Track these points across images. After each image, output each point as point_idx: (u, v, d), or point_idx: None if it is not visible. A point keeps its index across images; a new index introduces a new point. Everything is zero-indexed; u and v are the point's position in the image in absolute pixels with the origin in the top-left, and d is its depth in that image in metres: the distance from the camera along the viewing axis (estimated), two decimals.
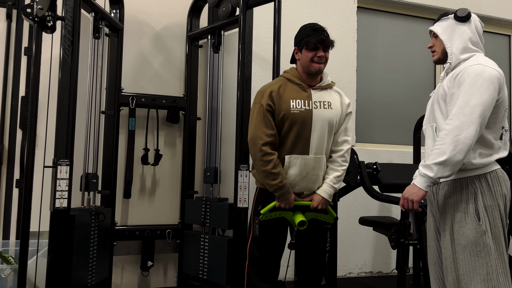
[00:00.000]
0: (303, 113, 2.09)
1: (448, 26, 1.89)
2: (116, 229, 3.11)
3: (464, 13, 1.86)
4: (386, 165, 3.10)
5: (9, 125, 3.04)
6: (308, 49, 2.13)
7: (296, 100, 2.11)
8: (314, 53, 2.13)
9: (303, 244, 2.26)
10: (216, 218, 2.95)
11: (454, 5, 4.28)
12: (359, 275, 3.85)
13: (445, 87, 1.80)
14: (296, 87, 2.15)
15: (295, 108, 2.09)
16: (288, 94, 2.13)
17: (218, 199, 3.01)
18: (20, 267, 2.21)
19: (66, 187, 2.36)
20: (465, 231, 1.72)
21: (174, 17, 3.44)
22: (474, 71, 1.70)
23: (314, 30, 2.15)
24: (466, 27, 1.85)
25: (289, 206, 2.11)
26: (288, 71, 2.23)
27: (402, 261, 2.91)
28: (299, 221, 2.09)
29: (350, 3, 3.94)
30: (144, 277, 3.24)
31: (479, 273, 1.69)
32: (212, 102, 3.28)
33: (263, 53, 3.55)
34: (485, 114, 1.66)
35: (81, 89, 2.66)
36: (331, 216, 2.21)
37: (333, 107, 2.17)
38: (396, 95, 4.22)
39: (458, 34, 1.85)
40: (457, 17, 1.87)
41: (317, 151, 2.13)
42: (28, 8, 2.24)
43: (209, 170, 3.12)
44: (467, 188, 1.75)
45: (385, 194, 2.96)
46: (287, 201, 2.10)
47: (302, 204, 2.16)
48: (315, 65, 2.13)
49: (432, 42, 1.95)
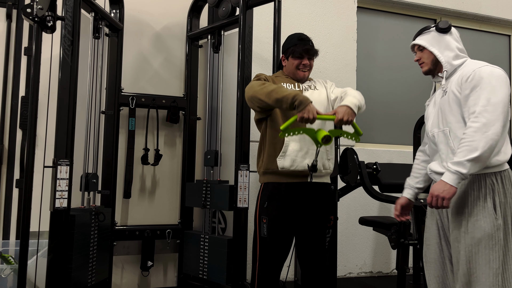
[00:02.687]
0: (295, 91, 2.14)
1: (433, 38, 1.97)
2: (116, 229, 3.11)
3: (446, 24, 1.95)
4: (386, 165, 3.11)
5: (9, 125, 3.05)
6: (294, 57, 2.24)
7: (286, 84, 2.22)
8: (300, 61, 2.23)
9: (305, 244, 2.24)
10: (216, 200, 2.93)
11: (454, 5, 4.28)
12: (359, 275, 3.85)
13: (455, 92, 1.85)
14: (285, 79, 2.27)
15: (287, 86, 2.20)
16: (279, 81, 2.24)
17: (218, 181, 3.00)
18: (20, 267, 2.21)
19: (66, 187, 2.36)
20: (481, 224, 1.74)
21: (174, 17, 3.44)
22: (485, 72, 1.77)
23: (300, 40, 2.26)
24: (449, 37, 1.95)
25: (312, 115, 1.93)
26: (276, 74, 2.36)
27: (402, 261, 2.91)
28: (323, 135, 1.92)
29: (350, 3, 3.94)
30: (144, 277, 3.24)
31: (492, 266, 1.71)
32: (212, 102, 3.28)
33: (263, 53, 3.55)
34: (506, 111, 1.73)
35: (81, 89, 2.66)
36: (356, 133, 2.03)
37: (318, 87, 2.28)
38: (396, 95, 4.22)
39: (445, 44, 1.94)
40: (440, 29, 1.95)
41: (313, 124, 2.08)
42: (28, 8, 2.24)
43: (210, 153, 3.11)
44: (485, 184, 1.78)
45: (385, 194, 2.96)
46: (309, 109, 1.93)
47: (326, 118, 2.00)
48: (300, 72, 2.25)
49: (419, 55, 2.04)
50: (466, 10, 4.33)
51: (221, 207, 2.91)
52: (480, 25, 4.52)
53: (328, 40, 3.85)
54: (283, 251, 2.18)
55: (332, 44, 3.86)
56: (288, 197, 2.16)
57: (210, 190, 3.00)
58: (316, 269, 2.23)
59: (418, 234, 2.84)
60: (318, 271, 2.23)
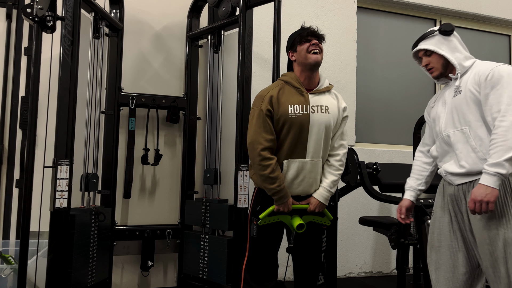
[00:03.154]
0: (301, 118, 2.12)
1: (440, 41, 1.96)
2: (116, 229, 3.11)
3: (449, 27, 1.95)
4: (386, 165, 3.11)
5: (9, 125, 3.04)
6: (301, 43, 2.18)
7: (294, 105, 2.13)
8: (308, 44, 2.17)
9: (299, 245, 2.28)
10: (216, 220, 2.95)
11: (454, 5, 4.28)
12: (359, 275, 3.85)
13: (472, 90, 1.83)
14: (294, 91, 2.17)
15: (293, 113, 2.12)
16: (286, 98, 2.15)
17: (218, 200, 3.00)
18: (20, 267, 2.21)
19: (66, 187, 2.36)
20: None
21: (174, 17, 3.44)
22: (504, 71, 1.77)
23: (303, 29, 2.24)
24: (454, 39, 1.96)
25: (287, 209, 2.14)
26: (286, 74, 2.26)
27: (402, 261, 2.91)
28: (298, 224, 2.12)
29: (350, 3, 3.94)
30: (144, 277, 3.24)
31: None
32: (212, 102, 3.28)
33: (263, 53, 3.55)
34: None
35: (81, 89, 2.66)
36: (327, 218, 2.26)
37: (330, 111, 2.19)
38: (396, 95, 4.22)
39: (453, 46, 1.95)
40: (444, 32, 1.95)
41: (314, 155, 2.16)
42: (28, 8, 2.24)
43: (209, 172, 3.11)
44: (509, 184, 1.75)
45: (385, 194, 2.96)
46: (285, 205, 2.13)
47: (300, 208, 2.20)
48: (312, 55, 2.15)
49: (427, 60, 2.00)
50: (466, 10, 4.33)
51: (220, 227, 2.93)
52: (480, 25, 4.52)
53: (328, 40, 3.83)
54: (269, 251, 2.25)
55: (332, 44, 3.86)
56: None
57: (210, 209, 3.01)
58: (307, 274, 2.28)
59: (418, 234, 2.84)
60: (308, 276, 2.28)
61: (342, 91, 3.83)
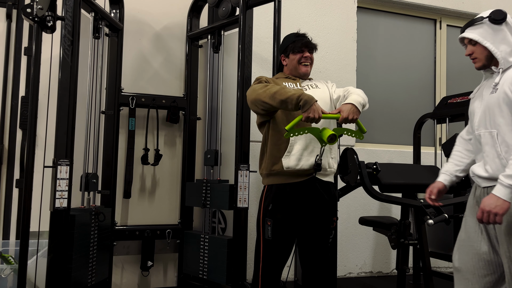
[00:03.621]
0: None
1: (487, 31, 1.79)
2: (116, 229, 3.11)
3: (500, 15, 1.77)
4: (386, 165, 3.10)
5: (9, 125, 3.05)
6: (294, 53, 2.26)
7: (288, 83, 2.22)
8: (301, 55, 2.25)
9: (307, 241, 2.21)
10: (216, 200, 2.93)
11: (454, 5, 4.28)
12: (359, 275, 3.85)
13: (507, 92, 1.72)
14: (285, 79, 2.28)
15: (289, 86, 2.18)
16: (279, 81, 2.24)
17: (218, 181, 3.00)
18: (20, 267, 2.21)
19: (66, 187, 2.36)
20: None
21: (174, 17, 3.44)
22: None
23: (298, 36, 2.29)
24: (505, 28, 1.78)
25: (318, 114, 1.91)
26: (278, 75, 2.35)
27: (402, 261, 2.91)
28: (329, 135, 1.92)
29: (350, 3, 3.94)
30: (144, 277, 3.24)
31: None
32: (212, 102, 3.28)
33: (263, 53, 3.55)
34: None
35: (81, 89, 2.66)
36: (361, 130, 2.02)
37: (320, 86, 2.28)
38: (396, 95, 4.22)
39: (501, 37, 1.77)
40: (494, 20, 1.77)
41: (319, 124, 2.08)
42: (28, 8, 2.24)
43: (210, 153, 3.11)
44: None
45: (385, 194, 2.96)
46: (314, 109, 1.91)
47: (331, 117, 1.99)
48: (302, 67, 2.26)
49: (471, 49, 1.85)
50: (466, 10, 4.33)
51: (221, 207, 2.91)
52: None
53: (328, 40, 3.85)
54: (285, 253, 2.18)
55: (332, 44, 3.86)
56: (292, 199, 2.14)
57: (210, 189, 3.00)
58: (317, 270, 2.22)
59: (418, 234, 2.84)
60: (319, 272, 2.22)
61: None
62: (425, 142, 3.92)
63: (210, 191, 2.99)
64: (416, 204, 2.82)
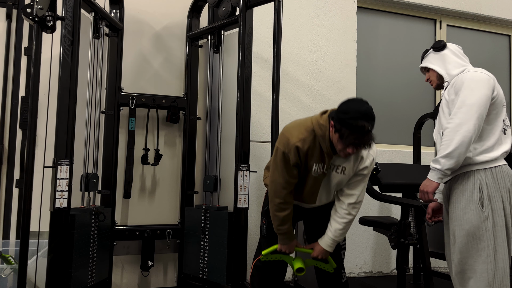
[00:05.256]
0: (319, 175, 2.06)
1: (433, 58, 2.19)
2: (116, 229, 3.11)
3: (439, 44, 2.17)
4: (386, 165, 3.10)
5: (9, 125, 3.04)
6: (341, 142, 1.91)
7: (318, 164, 2.01)
8: (346, 147, 1.91)
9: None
10: (215, 228, 2.96)
11: (454, 5, 4.28)
12: (359, 275, 3.85)
13: (446, 97, 2.05)
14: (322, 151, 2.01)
15: (316, 172, 2.03)
16: (315, 158, 2.01)
17: (217, 208, 3.00)
18: (20, 267, 2.21)
19: (66, 187, 2.36)
20: (469, 217, 1.91)
21: (174, 17, 3.44)
22: (466, 77, 1.96)
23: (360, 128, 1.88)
24: (447, 53, 2.14)
25: (290, 251, 2.15)
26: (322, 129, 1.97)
27: (402, 261, 2.91)
28: (298, 267, 2.13)
29: (350, 3, 3.94)
30: (144, 277, 3.24)
31: (481, 255, 1.88)
32: (212, 102, 3.28)
33: (263, 53, 3.55)
34: (481, 111, 1.89)
35: (81, 89, 2.66)
36: (331, 265, 2.18)
37: (346, 172, 2.06)
38: (396, 95, 4.22)
39: (444, 59, 2.14)
40: (436, 49, 2.18)
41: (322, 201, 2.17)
42: (28, 8, 2.24)
43: (209, 179, 3.12)
44: (473, 179, 1.94)
45: (385, 194, 2.96)
46: (289, 246, 2.14)
47: (303, 251, 2.20)
48: (341, 154, 1.97)
49: (427, 75, 2.25)
50: (466, 10, 4.32)
51: (220, 234, 2.92)
52: (480, 25, 4.52)
53: (328, 40, 3.85)
54: None
55: (332, 44, 3.86)
56: None
57: (209, 217, 3.01)
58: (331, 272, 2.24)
59: (418, 234, 2.84)
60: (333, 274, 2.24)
61: (342, 91, 3.83)
62: (425, 142, 3.91)
63: (209, 218, 3.01)
64: (416, 204, 2.82)
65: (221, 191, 3.11)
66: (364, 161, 2.08)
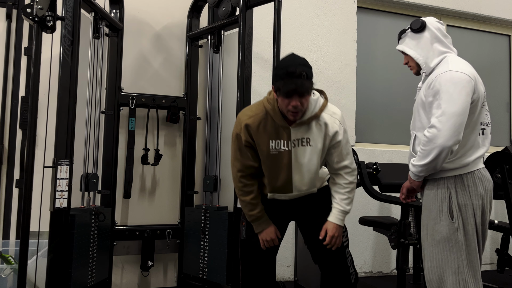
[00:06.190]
0: (282, 154, 1.95)
1: (410, 41, 2.01)
2: (116, 229, 3.11)
3: (417, 24, 1.96)
4: (386, 165, 3.11)
5: (9, 125, 3.04)
6: (282, 96, 1.84)
7: (275, 141, 1.95)
8: (288, 101, 1.83)
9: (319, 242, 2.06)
10: (216, 228, 2.95)
11: (454, 5, 4.28)
12: (359, 275, 3.84)
13: (422, 96, 1.93)
14: (275, 125, 1.95)
15: (274, 149, 1.95)
16: (268, 133, 1.95)
17: (217, 208, 3.00)
18: (20, 267, 2.21)
19: (66, 187, 2.36)
20: (439, 228, 1.89)
21: (174, 17, 3.44)
22: (444, 79, 1.82)
23: (288, 75, 1.81)
24: (427, 35, 1.96)
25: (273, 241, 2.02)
26: (270, 102, 1.96)
27: (402, 261, 2.91)
28: None
29: (350, 3, 3.94)
30: (144, 277, 3.24)
31: (451, 266, 1.86)
32: (212, 102, 3.28)
33: (263, 53, 3.55)
34: (462, 120, 1.79)
35: (81, 89, 2.66)
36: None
37: (312, 143, 1.96)
38: (396, 95, 4.22)
39: (422, 43, 1.96)
40: (413, 30, 1.98)
41: (301, 188, 2.02)
42: (28, 8, 2.24)
43: (209, 179, 3.12)
44: (443, 188, 1.90)
45: (385, 194, 2.97)
46: (267, 233, 2.01)
47: None
48: (290, 115, 1.88)
49: (406, 59, 2.09)
50: (466, 10, 4.32)
51: (220, 234, 2.92)
52: (480, 25, 4.52)
53: (328, 40, 3.85)
54: (262, 253, 2.08)
55: (332, 44, 3.86)
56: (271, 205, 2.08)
57: (209, 217, 3.01)
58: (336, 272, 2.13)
59: (418, 234, 2.84)
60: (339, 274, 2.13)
61: (342, 91, 3.83)
62: None
63: (209, 218, 3.01)
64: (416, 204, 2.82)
65: (221, 191, 3.11)
66: (329, 128, 1.97)
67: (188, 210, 3.19)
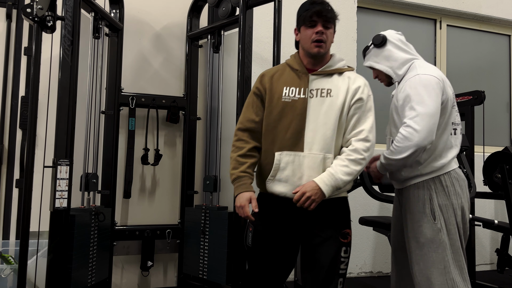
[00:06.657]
0: (296, 103, 1.78)
1: (375, 55, 2.11)
2: (116, 229, 3.11)
3: (379, 39, 2.10)
4: None
5: (9, 125, 3.05)
6: (306, 26, 1.80)
7: (290, 88, 1.82)
8: (312, 31, 1.77)
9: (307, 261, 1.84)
10: (216, 228, 2.95)
11: (454, 5, 4.28)
12: (359, 275, 3.85)
13: (395, 101, 2.00)
14: (293, 74, 1.85)
15: (287, 96, 1.80)
16: (283, 80, 1.85)
17: (217, 208, 3.00)
18: (20, 267, 2.21)
19: (66, 187, 2.36)
20: (423, 230, 1.92)
21: (174, 17, 3.44)
22: (414, 82, 1.89)
23: (312, 3, 1.80)
24: (390, 47, 2.07)
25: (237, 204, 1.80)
26: (291, 56, 1.93)
27: None
28: None
29: (350, 3, 3.94)
30: (144, 277, 3.24)
31: (438, 267, 1.89)
32: (212, 102, 3.28)
33: (263, 53, 3.55)
34: (435, 121, 1.84)
35: (81, 89, 2.66)
36: None
37: (333, 94, 1.79)
38: None
39: (387, 56, 2.07)
40: (376, 45, 2.10)
41: (314, 147, 1.75)
42: (28, 8, 2.24)
43: (209, 179, 3.12)
44: (423, 191, 1.95)
45: (385, 194, 2.97)
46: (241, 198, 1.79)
47: None
48: (314, 48, 1.79)
49: (375, 73, 2.18)
50: (466, 10, 4.33)
51: (220, 234, 2.92)
52: (480, 25, 4.52)
53: None
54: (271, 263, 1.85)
55: (332, 44, 3.85)
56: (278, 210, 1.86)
57: (209, 217, 3.01)
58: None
59: None
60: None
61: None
62: None
63: (209, 218, 3.01)
64: None
65: (221, 191, 3.11)
66: (353, 81, 1.83)
67: (188, 210, 3.19)
